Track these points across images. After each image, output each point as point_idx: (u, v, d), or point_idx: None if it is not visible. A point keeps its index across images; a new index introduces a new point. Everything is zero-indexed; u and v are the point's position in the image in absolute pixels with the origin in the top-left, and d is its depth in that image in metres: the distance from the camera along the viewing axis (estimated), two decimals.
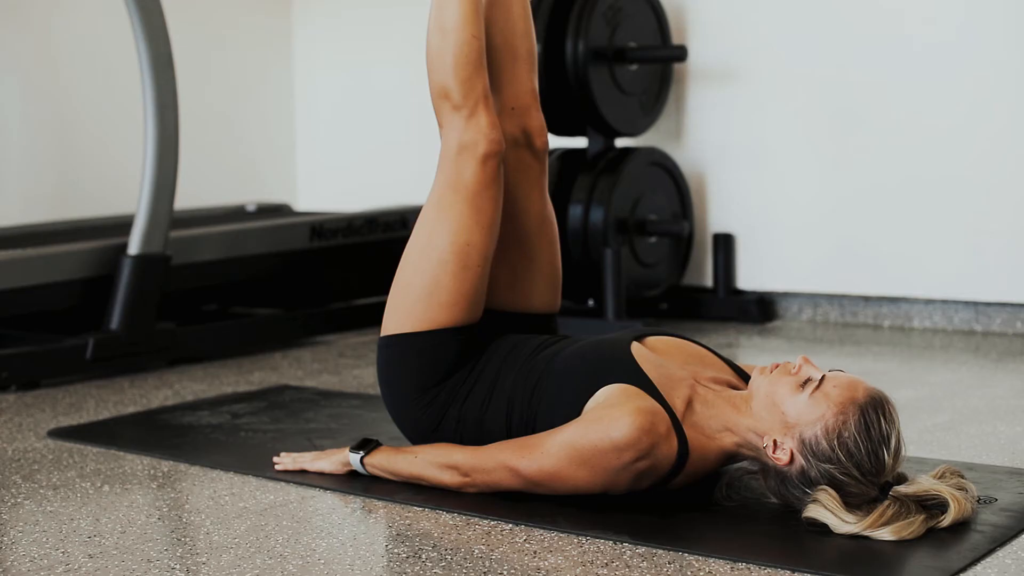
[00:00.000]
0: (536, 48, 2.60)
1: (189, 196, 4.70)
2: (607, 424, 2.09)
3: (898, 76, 4.11)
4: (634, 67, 4.33)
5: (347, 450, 2.42)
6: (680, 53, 4.28)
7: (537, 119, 2.56)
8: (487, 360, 2.37)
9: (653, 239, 4.34)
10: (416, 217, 4.40)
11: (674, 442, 2.10)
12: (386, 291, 4.48)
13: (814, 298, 4.39)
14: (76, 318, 3.70)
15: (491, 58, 2.53)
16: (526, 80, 2.56)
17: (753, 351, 3.85)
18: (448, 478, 2.27)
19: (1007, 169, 3.95)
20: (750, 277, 4.46)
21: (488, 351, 2.39)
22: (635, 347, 2.23)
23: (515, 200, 2.50)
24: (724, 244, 4.43)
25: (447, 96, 2.41)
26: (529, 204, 2.53)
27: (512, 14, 2.55)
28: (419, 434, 2.40)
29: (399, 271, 2.42)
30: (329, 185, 5.53)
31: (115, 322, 3.59)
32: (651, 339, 2.31)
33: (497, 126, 2.40)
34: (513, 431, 2.29)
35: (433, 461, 2.29)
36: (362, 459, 2.38)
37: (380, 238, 4.38)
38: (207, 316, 4.16)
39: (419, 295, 2.37)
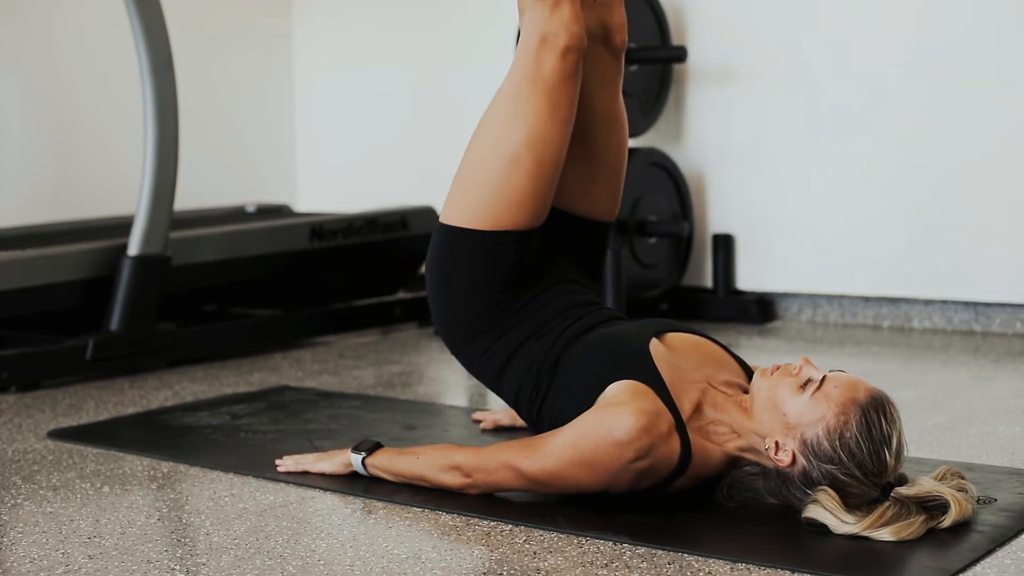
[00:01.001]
0: None
1: (189, 197, 4.70)
2: (609, 422, 2.09)
3: (897, 76, 4.11)
4: (634, 68, 4.33)
5: (348, 451, 2.42)
6: (680, 54, 4.28)
7: (619, 15, 2.47)
8: (532, 309, 2.35)
9: (653, 240, 4.35)
10: (415, 217, 4.47)
11: (675, 444, 2.09)
12: (386, 292, 4.52)
13: (814, 298, 4.39)
14: (76, 319, 3.70)
15: None
16: None
17: (753, 351, 3.85)
18: (450, 479, 2.27)
19: (1007, 169, 3.95)
20: (750, 278, 4.46)
21: (536, 300, 2.36)
22: (654, 344, 2.22)
23: (586, 96, 2.41)
24: (724, 245, 4.43)
25: None
26: (599, 102, 2.45)
27: None
28: (451, 337, 2.40)
29: (465, 162, 2.35)
30: (329, 186, 5.54)
31: (115, 323, 3.59)
32: (671, 335, 2.28)
33: (580, 19, 2.31)
34: (523, 396, 2.32)
35: (435, 462, 2.29)
36: (363, 460, 2.38)
37: (380, 239, 4.38)
38: (207, 317, 4.16)
39: (488, 190, 2.30)
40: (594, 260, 2.54)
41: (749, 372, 2.27)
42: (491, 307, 2.35)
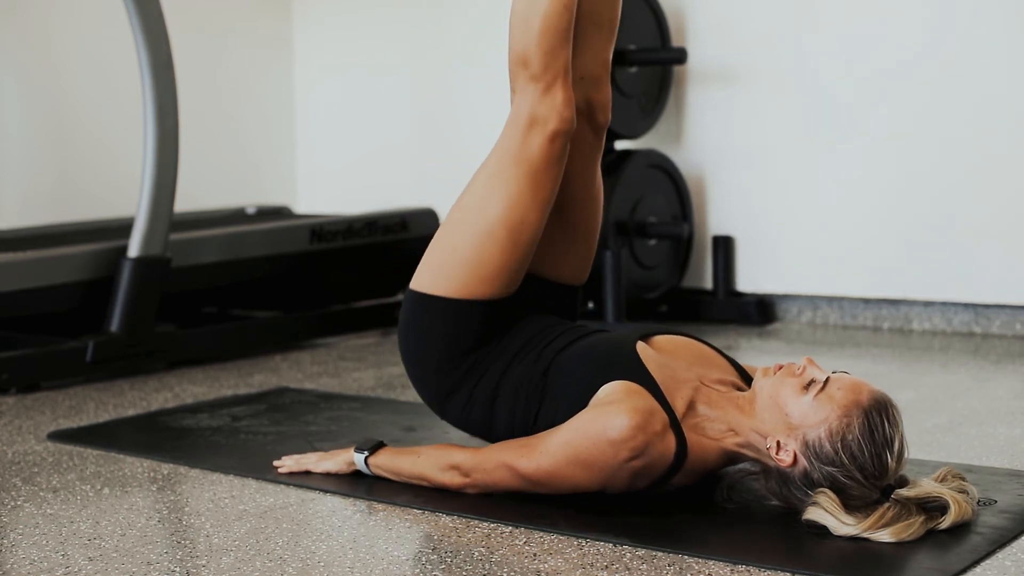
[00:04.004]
0: (619, 19, 2.47)
1: (189, 198, 4.70)
2: (603, 422, 2.09)
3: (897, 78, 4.11)
4: (634, 69, 4.33)
5: (351, 450, 2.42)
6: (680, 55, 4.28)
7: (605, 93, 2.46)
8: (506, 344, 2.35)
9: (653, 241, 4.35)
10: (415, 219, 4.47)
11: (671, 441, 2.10)
12: (386, 293, 4.52)
13: (814, 300, 4.39)
14: (76, 320, 3.70)
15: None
16: (602, 50, 2.45)
17: (753, 353, 3.85)
18: (449, 479, 2.27)
19: (1006, 170, 3.95)
20: (750, 279, 4.46)
21: (509, 334, 2.36)
22: (641, 346, 2.23)
23: (566, 171, 2.41)
24: (724, 246, 4.43)
25: (526, 64, 2.30)
26: (579, 177, 2.45)
27: None
28: (430, 394, 2.40)
29: (444, 229, 2.36)
30: (329, 187, 5.54)
31: (115, 324, 3.59)
32: (658, 338, 2.30)
33: (572, 104, 2.31)
34: (516, 421, 2.30)
35: (435, 462, 2.29)
36: (366, 459, 2.38)
37: (380, 240, 4.38)
38: (207, 318, 4.16)
39: (461, 262, 2.31)
40: (564, 317, 2.53)
41: (740, 370, 2.28)
42: (463, 363, 2.35)
